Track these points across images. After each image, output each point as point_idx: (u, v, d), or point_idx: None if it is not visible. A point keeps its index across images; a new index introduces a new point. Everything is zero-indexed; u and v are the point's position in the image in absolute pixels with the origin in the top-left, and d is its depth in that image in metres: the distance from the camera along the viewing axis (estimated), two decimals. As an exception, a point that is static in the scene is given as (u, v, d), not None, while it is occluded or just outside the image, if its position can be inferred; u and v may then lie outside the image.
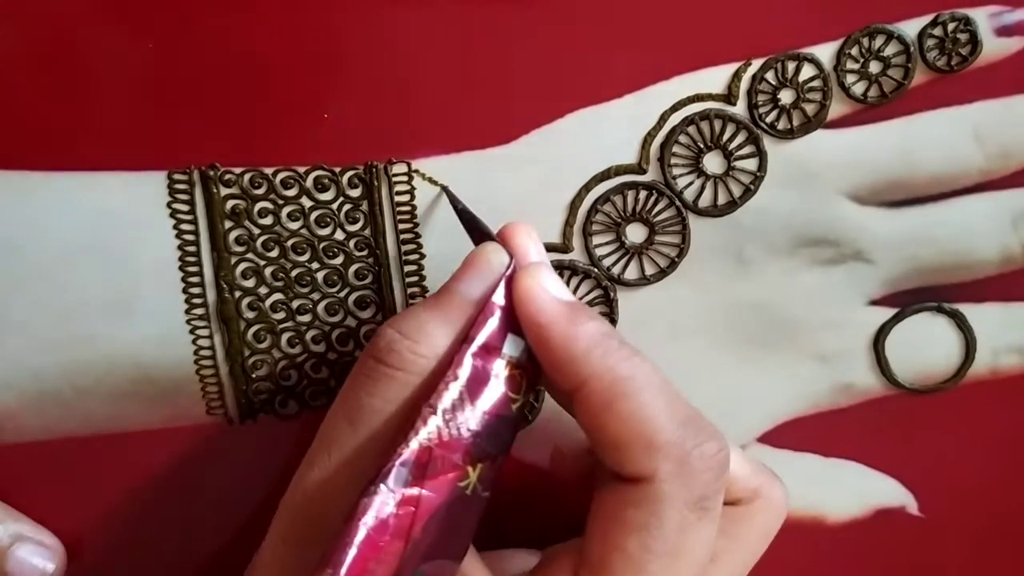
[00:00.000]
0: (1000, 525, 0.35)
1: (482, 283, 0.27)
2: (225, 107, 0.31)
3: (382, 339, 0.26)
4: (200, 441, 0.33)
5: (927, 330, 0.34)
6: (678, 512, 0.25)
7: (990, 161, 0.33)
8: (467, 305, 0.26)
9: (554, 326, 0.25)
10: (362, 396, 0.26)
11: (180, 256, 0.32)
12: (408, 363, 0.26)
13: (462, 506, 0.25)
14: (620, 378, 0.25)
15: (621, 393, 0.25)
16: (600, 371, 0.25)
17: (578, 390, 0.25)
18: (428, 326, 0.26)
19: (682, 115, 0.32)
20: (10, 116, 0.30)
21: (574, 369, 0.25)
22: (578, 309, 0.26)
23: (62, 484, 0.33)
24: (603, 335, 0.26)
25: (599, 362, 0.25)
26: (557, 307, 0.26)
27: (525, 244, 0.27)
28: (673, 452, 0.25)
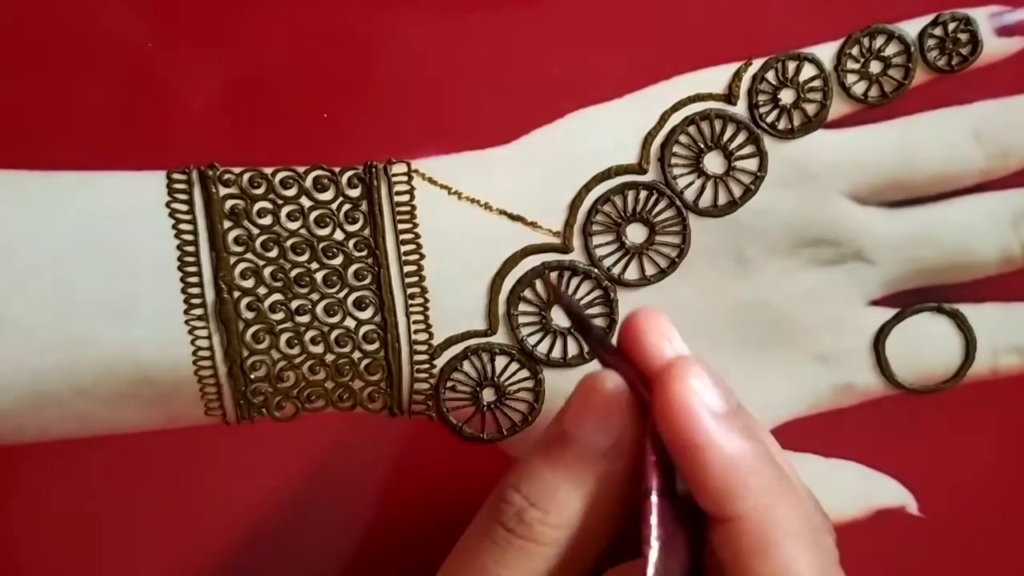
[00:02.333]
0: (1000, 525, 0.35)
1: (608, 429, 0.24)
2: (225, 107, 0.31)
3: (510, 506, 0.25)
4: (198, 442, 0.33)
5: (927, 330, 0.34)
6: None
7: (990, 161, 0.33)
8: (597, 459, 0.24)
9: (712, 449, 0.23)
10: (490, 565, 0.24)
11: (179, 256, 0.32)
12: (541, 535, 0.24)
13: None
14: (776, 520, 0.23)
15: (776, 540, 0.23)
16: (757, 509, 0.23)
17: (729, 522, 0.23)
18: (558, 493, 0.24)
19: (682, 115, 0.32)
20: (10, 116, 0.30)
21: (730, 500, 0.23)
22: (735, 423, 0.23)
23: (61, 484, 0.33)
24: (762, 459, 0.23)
25: (756, 498, 0.23)
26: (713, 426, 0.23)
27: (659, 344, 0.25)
28: None
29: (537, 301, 0.33)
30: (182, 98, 0.31)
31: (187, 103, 0.31)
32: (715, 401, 0.23)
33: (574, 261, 0.33)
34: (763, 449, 0.24)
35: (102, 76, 0.30)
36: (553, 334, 0.33)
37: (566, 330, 0.33)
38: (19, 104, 0.30)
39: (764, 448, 0.24)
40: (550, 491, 0.24)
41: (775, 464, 0.24)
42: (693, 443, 0.23)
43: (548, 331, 0.33)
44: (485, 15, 0.31)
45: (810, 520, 0.24)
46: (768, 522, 0.23)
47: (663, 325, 0.25)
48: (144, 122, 0.31)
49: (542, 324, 0.33)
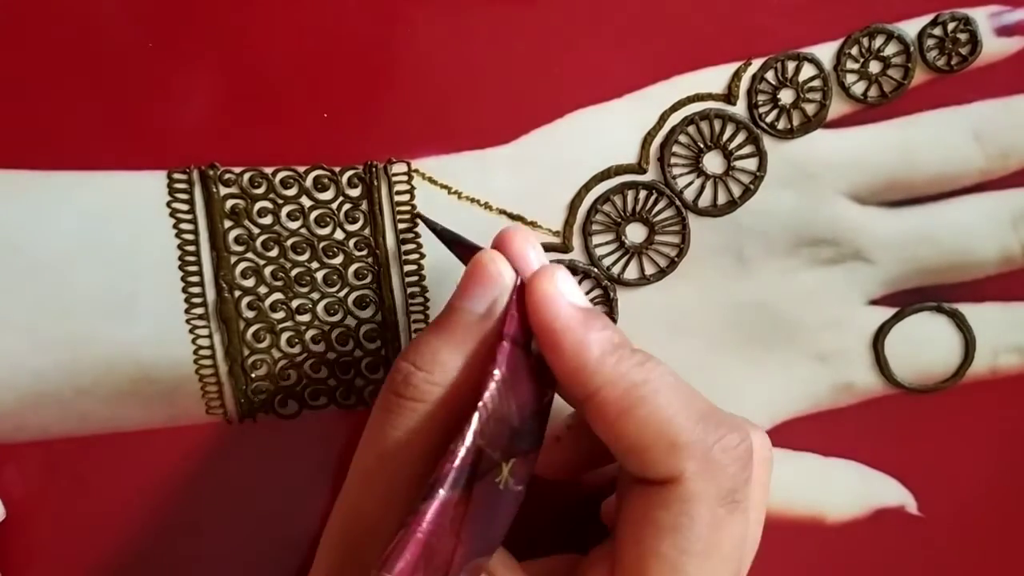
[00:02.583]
0: (1000, 525, 0.35)
1: (484, 296, 0.26)
2: (225, 107, 0.31)
3: (399, 373, 0.26)
4: (199, 441, 0.33)
5: (927, 330, 0.34)
6: (709, 509, 0.25)
7: (990, 161, 0.32)
8: (474, 322, 0.26)
9: (567, 333, 0.25)
10: (387, 430, 0.26)
11: (179, 255, 0.32)
12: (425, 393, 0.26)
13: (496, 502, 0.25)
14: (634, 383, 0.25)
15: (637, 398, 0.25)
16: (613, 378, 0.25)
17: (591, 398, 0.25)
18: (440, 354, 0.26)
19: (682, 115, 0.32)
20: (10, 116, 0.30)
21: (587, 377, 0.25)
22: (592, 316, 0.26)
23: (61, 484, 0.33)
24: (616, 344, 0.25)
25: (612, 370, 0.25)
26: (571, 313, 0.25)
27: (523, 249, 0.27)
28: (696, 450, 0.25)
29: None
30: (182, 98, 0.31)
31: (187, 103, 0.31)
32: (577, 297, 0.26)
33: (574, 260, 0.33)
34: (619, 337, 0.26)
35: (102, 76, 0.30)
36: (553, 333, 0.33)
37: None
38: (19, 104, 0.30)
39: (620, 336, 0.26)
40: (433, 354, 0.26)
41: (635, 350, 0.26)
42: (553, 327, 0.25)
43: (548, 330, 0.33)
44: (485, 15, 0.31)
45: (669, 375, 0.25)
46: (626, 388, 0.25)
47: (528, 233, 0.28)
48: (144, 122, 0.31)
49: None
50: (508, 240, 0.27)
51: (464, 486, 0.24)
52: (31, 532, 0.33)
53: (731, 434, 0.25)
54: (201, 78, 0.31)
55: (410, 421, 0.26)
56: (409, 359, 0.26)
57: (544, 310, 0.25)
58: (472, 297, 0.26)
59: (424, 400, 0.26)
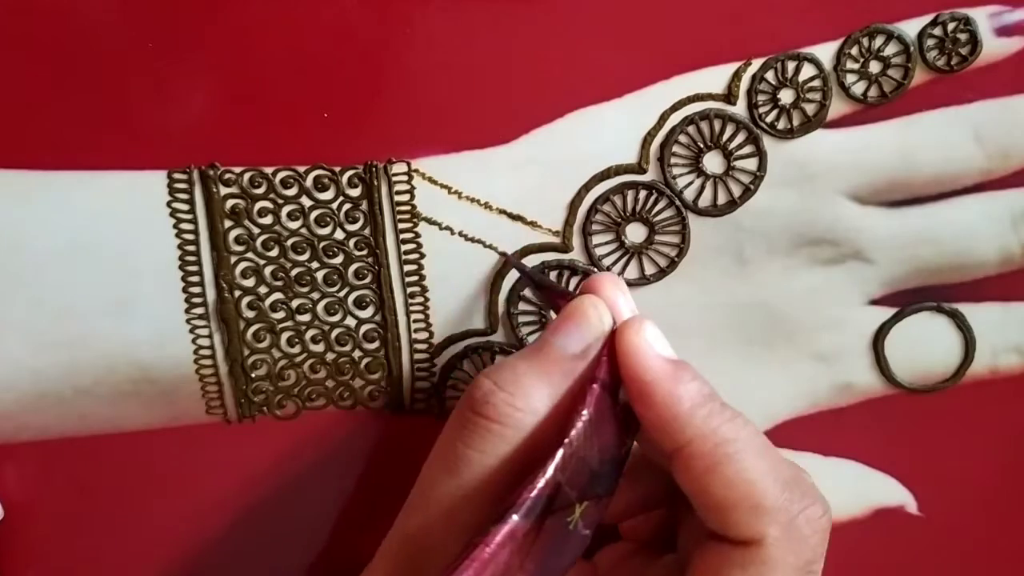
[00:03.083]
0: (1000, 525, 0.35)
1: (581, 337, 0.26)
2: (225, 107, 0.31)
3: (479, 390, 0.26)
4: (199, 441, 0.33)
5: (927, 330, 0.34)
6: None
7: (990, 161, 0.32)
8: (565, 359, 0.26)
9: (658, 384, 0.25)
10: (459, 446, 0.26)
11: (180, 255, 0.32)
12: (504, 416, 0.26)
13: (563, 541, 0.25)
14: (724, 440, 0.25)
15: (725, 455, 0.25)
16: (703, 433, 0.25)
17: (680, 451, 0.25)
18: (525, 379, 0.26)
19: (682, 115, 0.32)
20: (10, 116, 0.30)
21: (677, 429, 0.25)
22: (682, 368, 0.26)
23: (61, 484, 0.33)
24: (706, 396, 0.26)
25: (702, 423, 0.25)
26: (661, 365, 0.26)
27: (614, 296, 0.27)
28: (780, 517, 0.25)
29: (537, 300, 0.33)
30: (182, 98, 0.31)
31: (187, 103, 0.31)
32: (665, 349, 0.26)
33: (574, 260, 0.33)
34: (708, 389, 0.26)
35: (102, 76, 0.30)
36: (553, 333, 0.33)
37: None
38: (19, 104, 0.30)
39: (710, 388, 0.26)
40: (517, 378, 0.26)
41: (725, 404, 0.26)
42: (644, 378, 0.25)
43: (548, 330, 0.33)
44: (485, 15, 0.31)
45: (758, 436, 0.26)
46: (715, 444, 0.25)
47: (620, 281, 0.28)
48: (144, 122, 0.31)
49: (541, 323, 0.33)
50: (598, 287, 0.27)
51: (537, 517, 0.24)
52: (31, 532, 0.33)
53: (815, 505, 0.25)
54: (201, 78, 0.31)
55: (485, 442, 0.26)
56: (492, 378, 0.26)
57: (634, 361, 0.26)
58: (567, 336, 0.26)
59: (501, 423, 0.26)
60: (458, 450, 0.26)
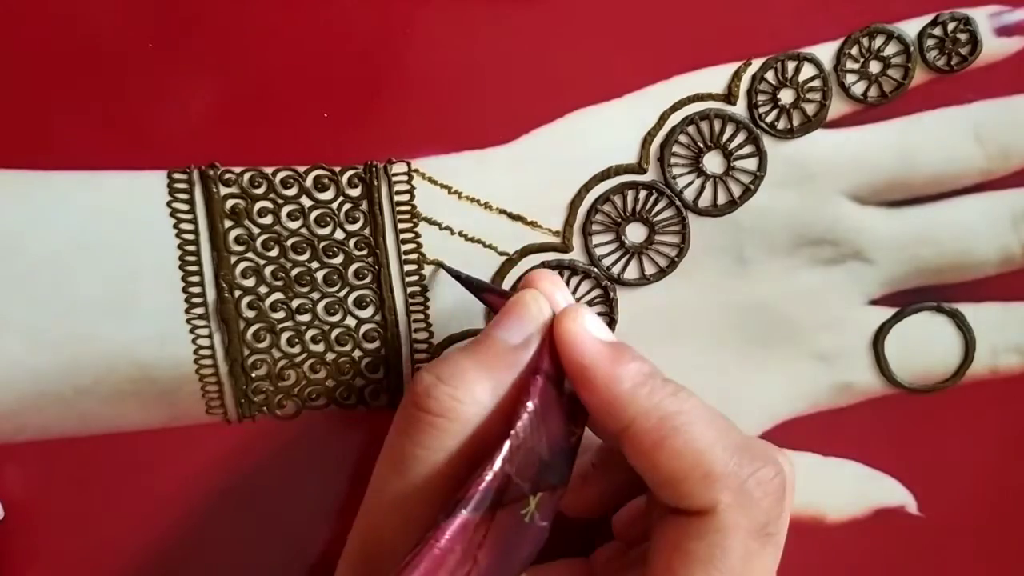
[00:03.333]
0: (1000, 525, 0.35)
1: (521, 328, 0.27)
2: (225, 107, 0.31)
3: (420, 384, 0.26)
4: (199, 441, 0.33)
5: (927, 330, 0.34)
6: (742, 542, 0.25)
7: (990, 161, 0.32)
8: (507, 351, 0.26)
9: (597, 367, 0.26)
10: (405, 443, 0.26)
11: (180, 255, 0.32)
12: (447, 409, 0.26)
13: (519, 534, 0.25)
14: (668, 414, 0.25)
15: (671, 428, 0.25)
16: (646, 409, 0.25)
17: (625, 430, 0.25)
18: (468, 373, 0.26)
19: (682, 115, 0.32)
20: (10, 116, 0.30)
21: (620, 409, 0.25)
22: (621, 349, 0.26)
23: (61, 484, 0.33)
24: (646, 374, 0.26)
25: (645, 400, 0.25)
26: (599, 348, 0.26)
27: (551, 290, 0.28)
28: (731, 482, 0.25)
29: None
30: (183, 98, 0.31)
31: (188, 103, 0.31)
32: (603, 333, 0.26)
33: (574, 260, 0.33)
34: (649, 367, 0.26)
35: (102, 76, 0.30)
36: (553, 333, 0.33)
37: None
38: (19, 104, 0.30)
39: (650, 367, 0.26)
40: (459, 371, 0.26)
41: (667, 380, 0.26)
42: (583, 362, 0.26)
43: (548, 330, 0.33)
44: (485, 15, 0.31)
45: (703, 406, 0.26)
46: (659, 418, 0.25)
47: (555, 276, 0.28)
48: (144, 122, 0.31)
49: (542, 323, 0.33)
50: (535, 281, 0.28)
51: (488, 510, 0.24)
52: (31, 532, 0.33)
53: (766, 467, 0.25)
54: (201, 78, 0.31)
55: (433, 438, 0.25)
56: (433, 372, 0.26)
57: (572, 347, 0.26)
58: (508, 328, 0.27)
59: (446, 416, 0.25)
60: (404, 448, 0.26)
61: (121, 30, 0.30)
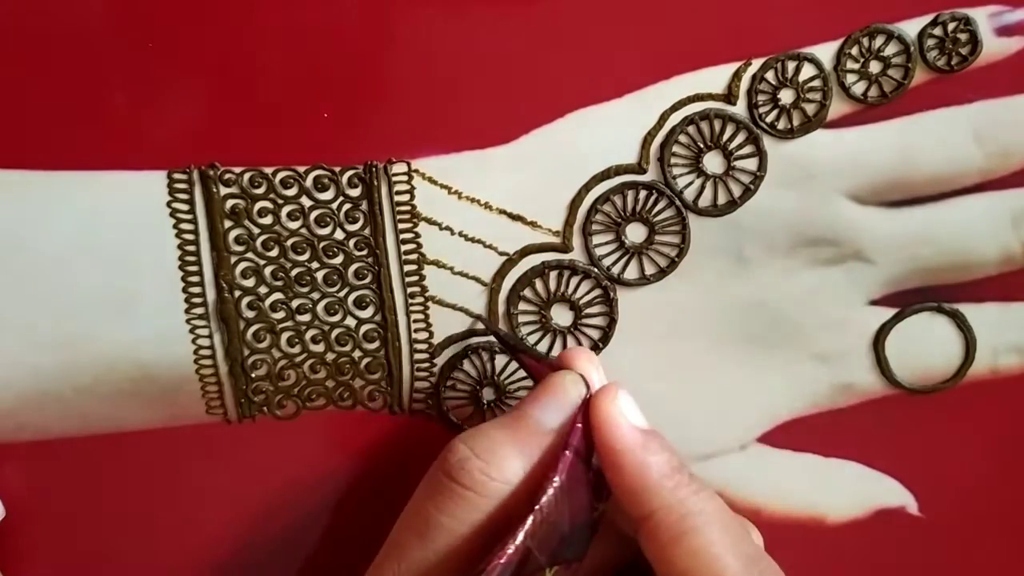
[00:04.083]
0: (1000, 525, 0.35)
1: (559, 412, 0.27)
2: (225, 107, 0.31)
3: (454, 455, 0.26)
4: (199, 440, 0.33)
5: (927, 330, 0.34)
6: None
7: (990, 161, 0.32)
8: (542, 433, 0.27)
9: (629, 453, 0.26)
10: (432, 511, 0.26)
11: (180, 255, 0.32)
12: (478, 484, 0.26)
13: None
14: (690, 512, 0.25)
15: (691, 527, 0.25)
16: (670, 503, 0.25)
17: (647, 519, 0.26)
18: (501, 449, 0.26)
19: (682, 115, 0.32)
20: (10, 116, 0.30)
21: (645, 499, 0.26)
22: (652, 438, 0.27)
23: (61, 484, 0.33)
24: (675, 467, 0.26)
25: (669, 494, 0.26)
26: (633, 434, 0.26)
27: (588, 369, 0.28)
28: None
29: (536, 300, 0.33)
30: (182, 98, 0.31)
31: (188, 103, 0.31)
32: (638, 419, 0.27)
33: (574, 260, 0.33)
34: (677, 460, 0.26)
35: (102, 76, 0.30)
36: (553, 333, 0.33)
37: (565, 329, 0.33)
38: (19, 104, 0.30)
39: (679, 460, 0.26)
40: (494, 447, 0.26)
41: (689, 473, 0.26)
42: (615, 447, 0.26)
43: (548, 330, 0.33)
44: (485, 15, 0.31)
45: (724, 510, 0.26)
46: (681, 515, 0.25)
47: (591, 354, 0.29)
48: (144, 122, 0.31)
49: (541, 323, 0.33)
50: (573, 361, 0.28)
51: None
52: (31, 532, 0.33)
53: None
54: (201, 78, 0.31)
55: (458, 508, 0.26)
56: (468, 444, 0.26)
57: (607, 430, 0.26)
58: (546, 410, 0.27)
59: (476, 491, 0.26)
60: (430, 514, 0.26)
61: (121, 30, 0.30)
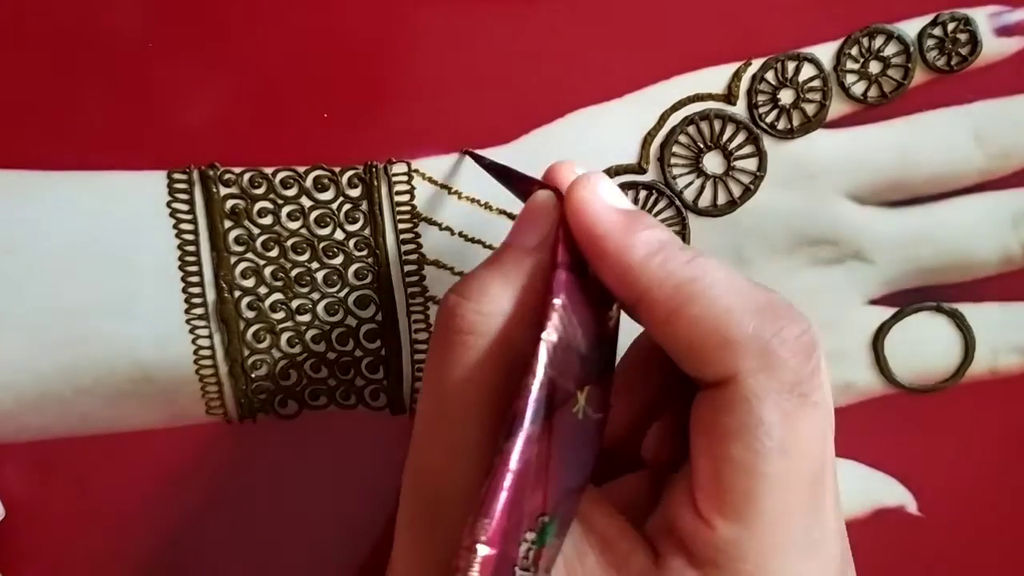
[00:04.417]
0: (1000, 525, 0.35)
1: (537, 229, 0.25)
2: (225, 107, 0.31)
3: (445, 305, 0.25)
4: (199, 441, 0.33)
5: (926, 330, 0.34)
6: (774, 405, 0.23)
7: (990, 161, 0.32)
8: (525, 255, 0.25)
9: (610, 236, 0.24)
10: (441, 369, 0.25)
11: (180, 256, 0.32)
12: (475, 324, 0.24)
13: (578, 432, 0.24)
14: (683, 281, 0.23)
15: (687, 296, 0.23)
16: (660, 278, 0.23)
17: (639, 301, 0.24)
18: (489, 286, 0.25)
19: (682, 115, 0.32)
20: (10, 116, 0.30)
21: (633, 279, 0.23)
22: (635, 217, 0.24)
23: (61, 484, 0.33)
24: (661, 242, 0.24)
25: (658, 269, 0.23)
26: (613, 216, 0.24)
27: (566, 175, 0.26)
28: (752, 345, 0.23)
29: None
30: (182, 98, 0.31)
31: (188, 103, 0.31)
32: (619, 200, 0.24)
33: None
34: (666, 235, 0.24)
35: (102, 76, 0.30)
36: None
37: None
38: (19, 104, 0.30)
39: (668, 235, 0.24)
40: (482, 286, 0.25)
41: (683, 247, 0.24)
42: (594, 232, 0.24)
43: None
44: (485, 15, 0.31)
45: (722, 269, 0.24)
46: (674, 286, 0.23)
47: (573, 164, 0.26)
48: (144, 122, 0.31)
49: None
50: (555, 172, 0.26)
51: (544, 419, 0.22)
52: (31, 532, 0.33)
53: (791, 325, 0.23)
54: (201, 78, 0.31)
55: (465, 356, 0.24)
56: (457, 291, 0.25)
57: (583, 218, 0.24)
58: (524, 233, 0.25)
59: (475, 332, 0.24)
60: (441, 373, 0.25)
61: (121, 30, 0.30)
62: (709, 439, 0.23)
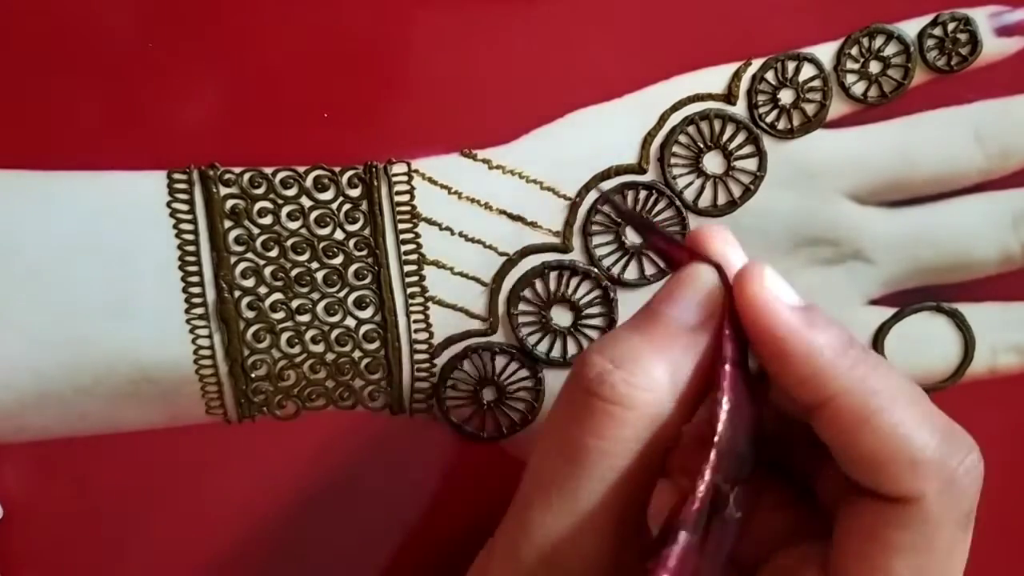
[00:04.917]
0: (1000, 525, 0.35)
1: (699, 310, 0.24)
2: (225, 107, 0.31)
3: (592, 370, 0.23)
4: (199, 441, 0.33)
5: (926, 330, 0.34)
6: (949, 533, 0.23)
7: (990, 161, 0.33)
8: (681, 332, 0.24)
9: (792, 338, 0.23)
10: (579, 435, 0.23)
11: (179, 256, 0.32)
12: (626, 398, 0.23)
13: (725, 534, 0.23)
14: (873, 391, 0.23)
15: (877, 408, 0.22)
16: (849, 385, 0.23)
17: (824, 406, 0.23)
18: (641, 355, 0.23)
19: (682, 115, 0.32)
20: (10, 116, 0.30)
21: (820, 384, 0.23)
22: (814, 314, 0.23)
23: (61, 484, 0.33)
24: (846, 342, 0.23)
25: (847, 374, 0.23)
26: (792, 316, 0.23)
27: (722, 251, 0.25)
28: (940, 471, 0.23)
29: (536, 301, 0.33)
30: (183, 98, 0.31)
31: (188, 103, 0.31)
32: (790, 296, 0.23)
33: (574, 261, 0.33)
34: (847, 334, 0.23)
35: (102, 76, 0.30)
36: (553, 333, 0.33)
37: (565, 329, 0.33)
38: (19, 104, 0.30)
39: (848, 333, 0.24)
40: (634, 354, 0.23)
41: (867, 350, 0.24)
42: (775, 334, 0.23)
43: (548, 330, 0.33)
44: (485, 15, 0.31)
45: (907, 382, 0.23)
46: (864, 394, 0.22)
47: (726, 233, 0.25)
48: (144, 122, 0.31)
49: (542, 323, 0.33)
50: (705, 243, 0.25)
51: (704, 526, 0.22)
52: (31, 532, 0.33)
53: (972, 454, 0.23)
54: (201, 78, 0.31)
55: (611, 428, 0.23)
56: (605, 354, 0.24)
57: (763, 318, 0.23)
58: (680, 306, 0.24)
59: (623, 404, 0.23)
60: (580, 439, 0.23)
61: (121, 30, 0.30)
62: (868, 548, 0.23)
